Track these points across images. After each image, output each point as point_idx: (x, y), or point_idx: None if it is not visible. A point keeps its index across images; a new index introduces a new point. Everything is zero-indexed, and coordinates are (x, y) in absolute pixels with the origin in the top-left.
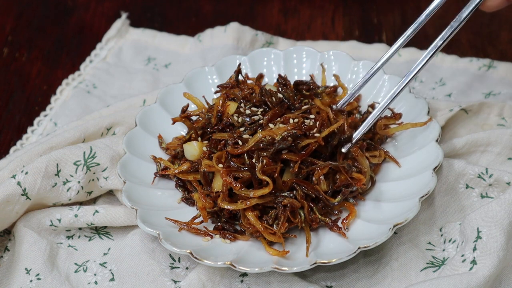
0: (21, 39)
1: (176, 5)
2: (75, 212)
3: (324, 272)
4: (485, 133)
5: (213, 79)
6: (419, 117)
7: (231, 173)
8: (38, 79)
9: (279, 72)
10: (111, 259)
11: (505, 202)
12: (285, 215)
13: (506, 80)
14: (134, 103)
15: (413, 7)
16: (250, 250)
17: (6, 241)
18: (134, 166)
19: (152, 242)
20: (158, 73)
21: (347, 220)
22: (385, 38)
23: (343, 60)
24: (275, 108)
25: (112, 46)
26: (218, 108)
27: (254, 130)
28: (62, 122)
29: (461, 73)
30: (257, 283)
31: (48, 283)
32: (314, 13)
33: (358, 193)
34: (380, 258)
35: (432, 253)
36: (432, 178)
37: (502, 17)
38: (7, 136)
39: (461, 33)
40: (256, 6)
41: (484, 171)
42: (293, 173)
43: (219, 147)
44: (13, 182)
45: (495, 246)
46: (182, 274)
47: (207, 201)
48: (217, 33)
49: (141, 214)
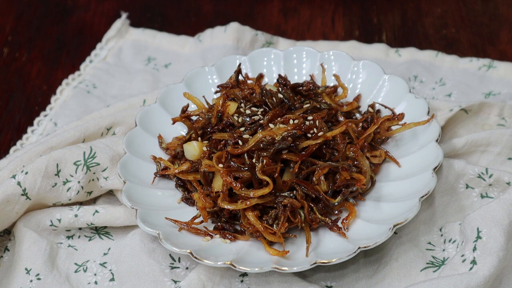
0: (21, 39)
1: (176, 5)
2: (75, 212)
3: (324, 272)
4: (485, 133)
5: (213, 79)
6: (419, 117)
7: (231, 173)
8: (38, 79)
9: (279, 72)
10: (111, 259)
11: (505, 202)
12: (285, 215)
13: (506, 80)
14: (134, 103)
15: (413, 7)
16: (250, 250)
17: (6, 241)
18: (134, 166)
19: (152, 242)
20: (158, 73)
21: (347, 220)
22: (385, 38)
23: (343, 60)
24: (275, 109)
25: (112, 46)
26: (218, 108)
27: (254, 130)
28: (62, 122)
29: (461, 73)
30: (257, 283)
31: (48, 283)
32: (314, 13)
33: (358, 193)
34: (380, 258)
35: (432, 253)
36: (432, 178)
37: (502, 17)
38: (7, 136)
39: (461, 33)
40: (256, 6)
41: (484, 171)
42: (293, 173)
43: (219, 147)
44: (13, 182)
45: (495, 246)
46: (182, 274)
47: (207, 201)
48: (217, 33)
49: (141, 214)
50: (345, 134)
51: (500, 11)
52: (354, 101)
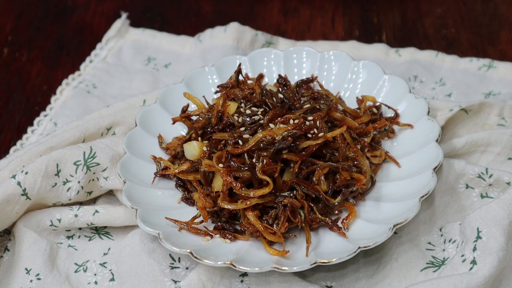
0: (21, 39)
1: (176, 5)
2: (75, 212)
3: (324, 272)
4: (485, 133)
5: (213, 79)
6: (419, 117)
7: (231, 173)
8: (38, 79)
9: (279, 72)
10: (111, 259)
11: (505, 202)
12: (285, 215)
13: (506, 80)
14: (134, 103)
15: (413, 7)
16: (250, 249)
17: (6, 241)
18: (134, 166)
19: (152, 242)
20: (158, 73)
21: (347, 220)
22: (385, 38)
23: (343, 60)
24: (275, 109)
25: (112, 46)
26: (218, 108)
27: (254, 130)
28: (62, 122)
29: (461, 73)
30: (257, 283)
31: (48, 283)
32: (314, 13)
33: (358, 193)
34: (380, 258)
35: (432, 253)
36: (432, 178)
37: (502, 17)
38: (7, 136)
39: (461, 33)
40: (256, 6)
41: (484, 171)
42: (293, 173)
43: (219, 147)
44: (13, 182)
45: (495, 246)
46: (182, 274)
47: (207, 201)
48: (217, 33)
49: (141, 214)
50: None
51: (500, 11)
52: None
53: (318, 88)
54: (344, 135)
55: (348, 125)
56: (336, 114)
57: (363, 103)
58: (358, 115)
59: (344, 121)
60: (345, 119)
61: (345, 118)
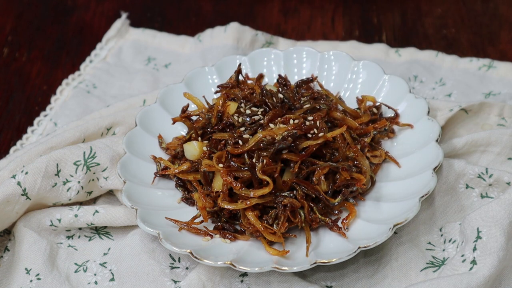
0: (21, 39)
1: (176, 5)
2: (75, 212)
3: (324, 272)
4: (485, 133)
5: (213, 79)
6: (419, 117)
7: (231, 173)
8: (38, 79)
9: (279, 72)
10: (111, 259)
11: (505, 202)
12: (285, 215)
13: (506, 80)
14: (134, 103)
15: (413, 7)
16: (250, 250)
17: (6, 241)
18: (134, 166)
19: (152, 242)
20: (158, 73)
21: (347, 220)
22: (385, 38)
23: (343, 60)
24: (275, 109)
25: (112, 46)
26: (218, 108)
27: (254, 130)
28: (62, 122)
29: (461, 73)
30: (257, 283)
31: (48, 283)
32: (314, 13)
33: (358, 193)
34: (380, 258)
35: (432, 253)
36: (432, 178)
37: (502, 17)
38: (7, 136)
39: (461, 33)
40: (256, 6)
41: (484, 171)
42: (293, 173)
43: (219, 147)
44: (13, 182)
45: (495, 246)
46: (182, 274)
47: (207, 201)
48: (217, 33)
49: (141, 214)
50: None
51: (500, 11)
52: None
53: (318, 88)
54: (344, 135)
55: (348, 125)
56: (336, 114)
57: (363, 103)
58: (358, 115)
59: (344, 121)
60: (345, 119)
61: (345, 118)
